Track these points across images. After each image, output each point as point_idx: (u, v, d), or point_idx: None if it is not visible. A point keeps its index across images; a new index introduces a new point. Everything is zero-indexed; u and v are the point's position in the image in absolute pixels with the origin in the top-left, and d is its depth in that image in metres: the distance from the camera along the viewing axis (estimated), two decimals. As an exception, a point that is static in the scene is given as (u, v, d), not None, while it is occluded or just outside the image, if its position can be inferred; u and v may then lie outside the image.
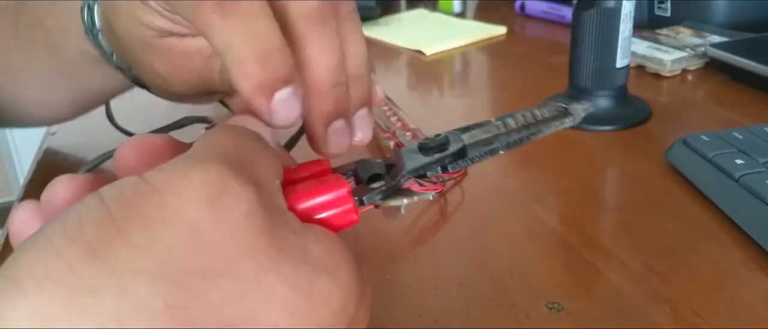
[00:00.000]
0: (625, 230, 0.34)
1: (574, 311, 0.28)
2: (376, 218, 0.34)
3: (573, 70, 0.50)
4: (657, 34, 0.65)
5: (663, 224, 0.35)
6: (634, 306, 0.28)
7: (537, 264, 0.32)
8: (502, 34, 0.78)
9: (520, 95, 0.58)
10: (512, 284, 0.30)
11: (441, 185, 0.37)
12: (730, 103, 0.52)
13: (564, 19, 0.79)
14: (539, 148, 0.46)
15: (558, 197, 0.38)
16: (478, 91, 0.61)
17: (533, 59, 0.68)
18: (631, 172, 0.42)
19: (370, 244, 0.34)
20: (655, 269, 0.31)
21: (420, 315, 0.29)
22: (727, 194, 0.35)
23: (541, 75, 0.62)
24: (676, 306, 0.28)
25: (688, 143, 0.40)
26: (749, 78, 0.54)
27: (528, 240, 0.34)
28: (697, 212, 0.36)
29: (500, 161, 0.44)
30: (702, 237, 0.33)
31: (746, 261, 0.31)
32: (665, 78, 0.58)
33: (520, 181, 0.41)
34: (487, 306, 0.29)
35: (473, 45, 0.75)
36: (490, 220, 0.36)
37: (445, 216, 0.37)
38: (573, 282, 0.30)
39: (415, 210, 0.37)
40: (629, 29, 0.47)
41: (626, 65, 0.49)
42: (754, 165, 0.36)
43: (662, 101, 0.53)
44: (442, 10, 0.91)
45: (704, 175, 0.37)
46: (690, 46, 0.61)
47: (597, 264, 0.32)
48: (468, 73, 0.70)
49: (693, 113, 0.51)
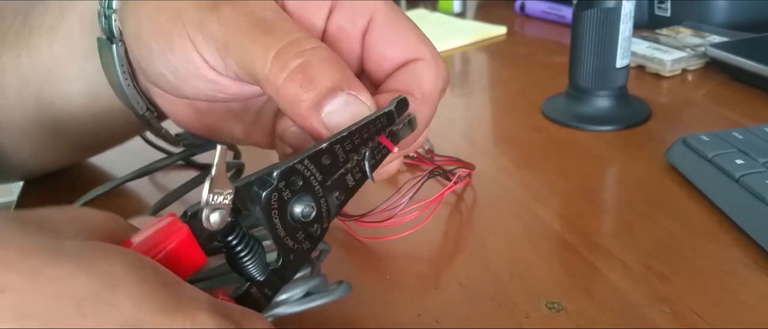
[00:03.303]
0: (625, 230, 0.34)
1: (574, 311, 0.28)
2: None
3: (573, 70, 0.50)
4: (657, 34, 0.65)
5: (663, 224, 0.35)
6: (634, 306, 0.28)
7: (537, 264, 0.32)
8: (502, 34, 0.78)
9: (520, 94, 0.58)
10: (512, 284, 0.30)
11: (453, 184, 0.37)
12: (730, 103, 0.52)
13: (564, 19, 0.79)
14: (539, 148, 0.46)
15: (558, 197, 0.38)
16: (478, 91, 0.61)
17: (533, 59, 0.68)
18: (631, 172, 0.42)
19: (370, 244, 0.34)
20: (655, 269, 0.31)
21: (420, 315, 0.29)
22: (727, 194, 0.35)
23: (541, 75, 0.62)
24: (676, 306, 0.28)
25: (688, 143, 0.40)
26: (749, 78, 0.54)
27: (528, 240, 0.34)
28: (697, 212, 0.36)
29: (500, 161, 0.44)
30: (702, 237, 0.33)
31: (746, 261, 0.31)
32: (665, 78, 0.58)
33: (520, 181, 0.41)
34: (487, 306, 0.29)
35: (473, 45, 0.75)
36: (490, 220, 0.36)
37: (445, 216, 0.37)
38: (573, 282, 0.30)
39: (415, 210, 0.37)
40: (629, 29, 0.47)
41: (626, 65, 0.49)
42: (754, 165, 0.36)
43: (662, 101, 0.53)
44: (442, 10, 0.91)
45: (704, 175, 0.37)
46: (690, 46, 0.61)
47: (597, 264, 0.32)
48: (468, 73, 0.70)
49: (693, 113, 0.51)
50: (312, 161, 0.23)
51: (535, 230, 0.35)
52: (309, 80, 0.23)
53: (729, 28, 0.66)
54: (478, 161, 0.40)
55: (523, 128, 0.50)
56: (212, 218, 0.20)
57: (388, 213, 0.33)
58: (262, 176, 0.22)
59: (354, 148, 0.24)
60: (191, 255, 0.20)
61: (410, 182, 0.35)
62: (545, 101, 0.53)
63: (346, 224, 0.34)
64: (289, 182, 0.22)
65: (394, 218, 0.33)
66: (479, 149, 0.47)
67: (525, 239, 0.34)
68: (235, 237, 0.22)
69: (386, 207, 0.33)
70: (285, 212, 0.22)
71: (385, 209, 0.33)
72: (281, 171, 0.22)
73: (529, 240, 0.34)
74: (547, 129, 0.49)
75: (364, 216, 0.33)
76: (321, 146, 0.23)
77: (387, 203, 0.34)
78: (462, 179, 0.39)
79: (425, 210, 0.34)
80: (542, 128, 0.49)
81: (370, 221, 0.33)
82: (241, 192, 0.21)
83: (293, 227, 0.23)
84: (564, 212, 0.37)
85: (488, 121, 0.55)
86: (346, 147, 0.23)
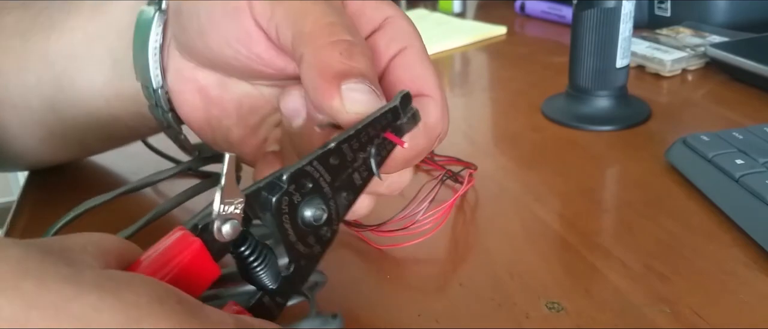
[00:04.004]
0: (625, 230, 0.34)
1: (574, 311, 0.28)
2: (375, 219, 0.34)
3: (573, 70, 0.50)
4: (657, 34, 0.65)
5: (663, 224, 0.35)
6: (634, 306, 0.28)
7: (537, 264, 0.32)
8: (502, 34, 0.78)
9: (520, 94, 0.58)
10: (512, 284, 0.30)
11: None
12: (730, 103, 0.52)
13: (564, 19, 0.79)
14: (539, 148, 0.46)
15: (558, 197, 0.38)
16: (478, 91, 0.61)
17: (533, 59, 0.68)
18: (631, 172, 0.42)
19: (369, 244, 0.34)
20: (655, 269, 0.31)
21: (420, 314, 0.29)
22: (727, 194, 0.35)
23: (541, 75, 0.62)
24: (676, 306, 0.28)
25: (688, 143, 0.40)
26: (749, 78, 0.54)
27: (528, 240, 0.34)
28: (697, 212, 0.36)
29: (500, 161, 0.44)
30: (702, 237, 0.33)
31: (746, 261, 0.31)
32: (665, 78, 0.58)
33: (520, 181, 0.41)
34: (487, 306, 0.29)
35: (473, 45, 0.75)
36: (490, 220, 0.36)
37: (445, 216, 0.37)
38: (573, 282, 0.30)
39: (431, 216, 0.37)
40: (629, 29, 0.47)
41: (626, 65, 0.49)
42: (754, 165, 0.36)
43: (662, 101, 0.53)
44: (442, 10, 0.91)
45: (704, 175, 0.37)
46: (690, 46, 0.61)
47: (597, 264, 0.32)
48: (468, 73, 0.70)
49: (693, 113, 0.51)
50: (321, 162, 0.22)
51: (535, 230, 0.35)
52: (350, 55, 0.24)
53: (729, 28, 0.66)
54: (478, 161, 0.40)
55: (523, 128, 0.50)
56: (224, 229, 0.20)
57: (406, 221, 0.33)
58: (271, 181, 0.22)
59: (361, 146, 0.24)
60: (205, 269, 0.20)
61: (425, 188, 0.35)
62: (545, 101, 0.53)
63: (361, 234, 0.34)
64: (299, 185, 0.22)
65: (415, 224, 0.33)
66: (479, 149, 0.47)
67: (525, 240, 0.34)
68: (247, 247, 0.21)
69: (403, 216, 0.33)
70: (296, 217, 0.22)
71: (402, 217, 0.33)
72: (291, 174, 0.22)
73: (529, 240, 0.34)
74: (547, 129, 0.49)
75: (381, 226, 0.33)
76: (329, 146, 0.22)
77: (404, 212, 0.34)
78: (470, 180, 0.39)
79: (441, 216, 0.34)
80: (542, 128, 0.49)
81: (387, 231, 0.33)
82: (250, 200, 0.21)
83: (304, 231, 0.22)
84: (564, 212, 0.37)
85: (488, 121, 0.55)
86: (354, 146, 0.23)
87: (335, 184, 0.23)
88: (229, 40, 0.28)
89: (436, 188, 0.35)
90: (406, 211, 0.34)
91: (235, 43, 0.28)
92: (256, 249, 0.22)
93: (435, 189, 0.35)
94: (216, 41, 0.28)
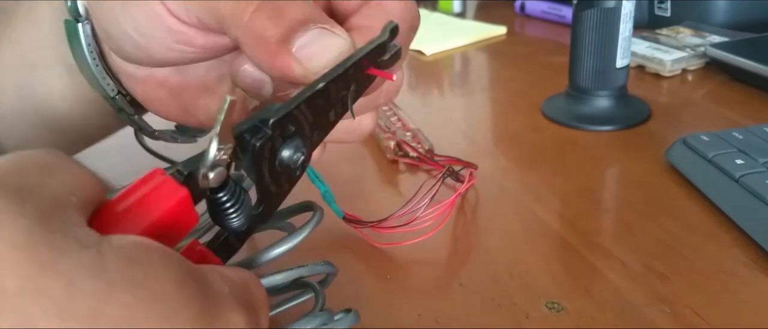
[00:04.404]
0: (625, 230, 0.34)
1: (574, 311, 0.28)
2: (376, 216, 0.34)
3: (573, 70, 0.50)
4: (657, 34, 0.65)
5: (663, 224, 0.35)
6: (634, 306, 0.28)
7: (537, 264, 0.32)
8: (502, 34, 0.78)
9: (520, 94, 0.58)
10: (512, 284, 0.30)
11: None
12: (730, 103, 0.52)
13: (564, 19, 0.79)
14: (539, 148, 0.46)
15: (558, 197, 0.38)
16: (478, 91, 0.61)
17: (533, 59, 0.68)
18: (631, 172, 0.42)
19: (369, 244, 0.34)
20: (655, 269, 0.31)
21: (420, 315, 0.29)
22: (727, 194, 0.35)
23: (541, 75, 0.62)
24: (676, 306, 0.28)
25: (688, 143, 0.40)
26: (749, 78, 0.54)
27: (528, 240, 0.34)
28: (697, 212, 0.36)
29: (500, 161, 0.44)
30: (702, 237, 0.33)
31: (746, 261, 0.31)
32: (665, 78, 0.58)
33: (520, 181, 0.41)
34: (487, 306, 0.29)
35: (473, 45, 0.75)
36: (490, 220, 0.36)
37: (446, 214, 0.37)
38: (573, 282, 0.30)
39: (431, 214, 0.37)
40: (629, 29, 0.47)
41: (626, 65, 0.49)
42: (754, 165, 0.36)
43: (662, 101, 0.53)
44: (442, 10, 0.91)
45: (704, 175, 0.37)
46: (690, 46, 0.61)
47: (597, 263, 0.32)
48: (468, 73, 0.70)
49: (693, 113, 0.51)
50: (307, 104, 0.21)
51: (535, 230, 0.35)
52: (278, 13, 0.22)
53: (729, 28, 0.66)
54: (478, 161, 0.40)
55: (523, 128, 0.50)
56: (211, 176, 0.18)
57: (406, 217, 0.33)
58: (255, 125, 0.20)
59: (345, 84, 0.22)
60: (186, 219, 0.18)
61: (425, 186, 0.35)
62: (545, 101, 0.53)
63: (361, 231, 0.34)
64: (282, 129, 0.21)
65: (414, 222, 0.33)
66: (479, 149, 0.47)
67: (525, 240, 0.34)
68: (225, 193, 0.20)
69: (403, 212, 0.33)
70: (274, 159, 0.21)
71: (403, 214, 0.33)
72: (278, 119, 0.20)
73: (529, 240, 0.34)
74: (547, 129, 0.49)
75: (382, 222, 0.33)
76: (318, 87, 0.21)
77: (404, 209, 0.33)
78: (471, 178, 0.39)
79: (442, 214, 0.34)
80: (542, 128, 0.49)
81: (387, 227, 0.33)
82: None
83: (278, 172, 0.21)
84: (564, 212, 0.37)
85: (488, 121, 0.55)
86: (339, 84, 0.22)
87: (314, 123, 0.22)
88: (160, 41, 0.26)
89: (437, 186, 0.35)
90: (406, 208, 0.33)
91: (168, 42, 0.26)
92: (234, 194, 0.20)
93: (436, 187, 0.35)
94: (147, 45, 0.27)
